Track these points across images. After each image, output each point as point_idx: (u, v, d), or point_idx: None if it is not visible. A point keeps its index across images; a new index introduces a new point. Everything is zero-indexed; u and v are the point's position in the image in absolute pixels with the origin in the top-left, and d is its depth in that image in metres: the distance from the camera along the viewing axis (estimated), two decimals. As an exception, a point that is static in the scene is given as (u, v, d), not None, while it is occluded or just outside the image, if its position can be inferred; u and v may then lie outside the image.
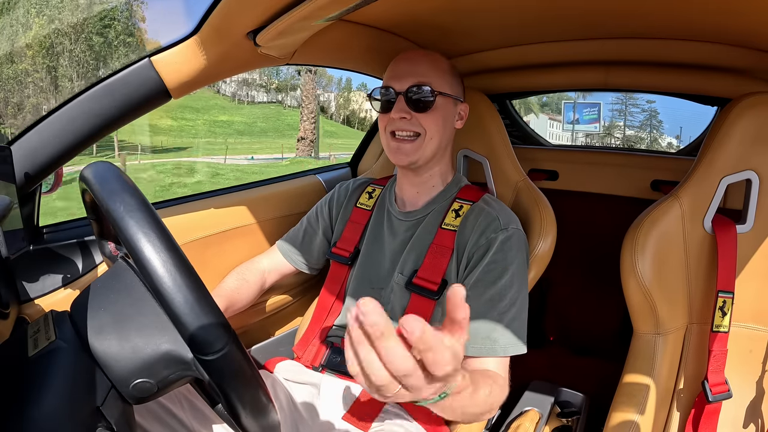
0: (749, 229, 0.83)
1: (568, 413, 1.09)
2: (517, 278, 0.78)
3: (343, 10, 0.60)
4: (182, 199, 1.08)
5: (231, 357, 0.42)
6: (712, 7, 0.74)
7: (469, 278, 0.78)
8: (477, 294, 0.76)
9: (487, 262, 0.77)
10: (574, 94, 2.71)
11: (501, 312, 0.74)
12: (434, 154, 0.85)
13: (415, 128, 0.81)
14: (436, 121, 0.82)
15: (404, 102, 0.81)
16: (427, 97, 0.81)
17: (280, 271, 1.01)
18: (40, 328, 0.48)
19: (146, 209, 0.42)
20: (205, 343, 0.40)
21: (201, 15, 0.68)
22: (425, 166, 0.86)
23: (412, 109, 0.81)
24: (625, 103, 15.24)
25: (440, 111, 0.82)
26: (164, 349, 0.45)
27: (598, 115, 2.43)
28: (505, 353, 0.74)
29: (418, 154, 0.82)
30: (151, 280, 0.40)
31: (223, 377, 0.42)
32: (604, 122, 9.08)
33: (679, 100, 1.25)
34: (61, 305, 0.78)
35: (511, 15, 0.88)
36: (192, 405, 0.73)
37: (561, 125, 2.80)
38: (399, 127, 0.82)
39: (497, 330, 0.74)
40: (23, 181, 0.71)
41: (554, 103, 14.47)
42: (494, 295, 0.75)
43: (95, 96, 0.72)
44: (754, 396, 0.83)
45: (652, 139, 15.29)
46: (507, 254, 0.78)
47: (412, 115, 0.81)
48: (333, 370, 0.87)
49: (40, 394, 0.41)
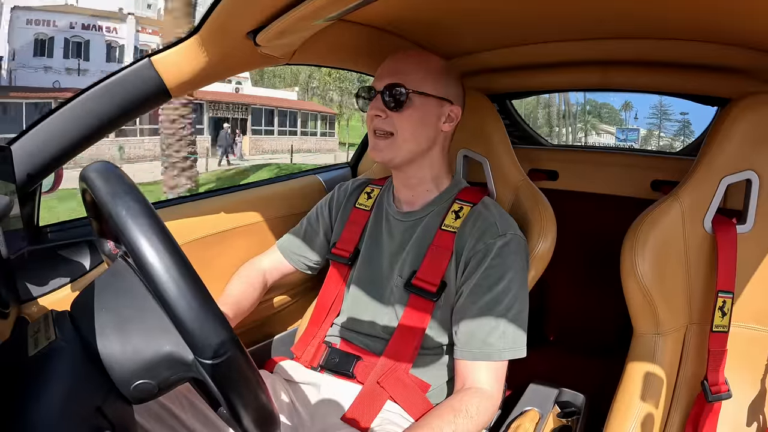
0: (749, 229, 0.83)
1: (568, 413, 1.09)
2: (515, 283, 0.78)
3: (343, 9, 0.60)
4: (182, 199, 1.08)
5: (233, 362, 0.42)
6: (712, 7, 0.74)
7: (467, 284, 0.78)
8: (474, 299, 0.77)
9: (485, 268, 0.78)
10: (625, 117, 3.09)
11: (498, 316, 0.75)
12: (413, 156, 0.83)
13: (389, 127, 0.81)
14: (411, 120, 0.81)
15: (380, 100, 0.81)
16: (400, 96, 0.80)
17: (280, 270, 1.01)
18: (40, 328, 0.48)
19: (147, 211, 0.42)
20: (207, 347, 0.40)
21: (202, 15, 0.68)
22: (407, 167, 0.85)
23: (387, 107, 0.81)
24: (660, 117, 17.63)
25: (417, 111, 0.81)
26: (166, 350, 0.45)
27: (637, 135, 10.25)
28: (500, 357, 0.75)
29: (392, 153, 0.82)
30: (154, 285, 0.40)
31: (225, 381, 0.42)
32: (643, 132, 14.58)
33: (707, 110, 1.24)
34: (61, 305, 0.78)
35: (511, 15, 0.88)
36: (192, 405, 0.74)
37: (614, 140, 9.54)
38: (376, 125, 0.82)
39: (493, 335, 0.75)
40: (23, 181, 0.71)
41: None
42: (491, 300, 0.76)
43: (95, 96, 0.72)
44: (754, 396, 0.83)
45: (682, 145, 16.58)
46: (505, 260, 0.78)
47: (387, 113, 0.81)
48: (332, 371, 0.86)
49: (40, 393, 0.41)
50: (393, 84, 0.80)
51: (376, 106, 0.81)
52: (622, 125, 16.55)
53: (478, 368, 0.75)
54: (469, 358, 0.76)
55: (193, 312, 0.40)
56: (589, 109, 17.29)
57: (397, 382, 0.80)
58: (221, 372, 0.42)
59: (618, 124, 17.36)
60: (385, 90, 0.80)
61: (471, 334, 0.76)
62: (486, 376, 0.75)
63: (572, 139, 16.47)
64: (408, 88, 0.80)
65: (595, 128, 17.43)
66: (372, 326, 0.86)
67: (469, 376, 0.76)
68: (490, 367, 0.75)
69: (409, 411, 0.79)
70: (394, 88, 0.80)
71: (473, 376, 0.75)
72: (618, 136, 14.81)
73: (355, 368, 0.84)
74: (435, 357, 0.83)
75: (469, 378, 0.75)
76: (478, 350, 0.75)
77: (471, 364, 0.76)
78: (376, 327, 0.86)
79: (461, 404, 0.71)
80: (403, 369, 0.81)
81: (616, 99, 17.26)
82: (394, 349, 0.81)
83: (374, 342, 0.86)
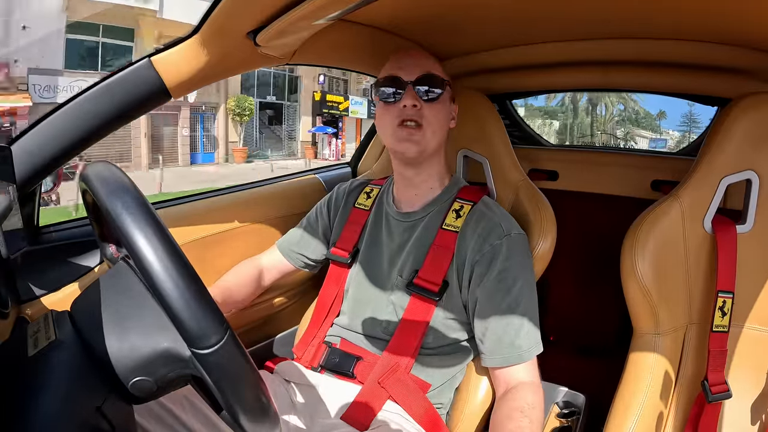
0: (749, 229, 0.83)
1: (568, 413, 1.09)
2: (528, 282, 0.81)
3: (343, 9, 0.60)
4: (182, 199, 1.08)
5: (227, 351, 0.41)
6: (712, 7, 0.74)
7: (482, 287, 0.79)
8: (495, 303, 0.78)
9: (499, 271, 0.78)
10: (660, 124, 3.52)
11: (520, 317, 0.77)
12: (434, 150, 0.85)
13: (420, 119, 0.81)
14: (440, 113, 0.83)
15: (413, 90, 0.81)
16: (437, 86, 0.81)
17: (280, 269, 1.01)
18: (40, 328, 0.48)
19: (143, 205, 0.43)
20: (200, 336, 0.40)
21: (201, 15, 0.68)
22: (424, 164, 0.86)
23: (422, 98, 0.81)
24: (690, 125, 19.55)
25: (443, 104, 0.84)
26: (163, 347, 0.45)
27: (665, 145, 14.80)
28: (530, 357, 0.77)
29: (424, 145, 0.82)
30: (145, 272, 0.40)
31: (219, 373, 0.42)
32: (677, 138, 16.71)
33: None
34: (61, 305, 0.78)
35: (512, 15, 0.88)
36: (193, 405, 0.73)
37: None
38: (408, 114, 0.81)
39: (520, 336, 0.77)
40: (23, 181, 0.71)
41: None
42: (511, 302, 0.78)
43: (95, 96, 0.72)
44: (754, 396, 0.83)
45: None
46: (516, 260, 0.80)
47: (421, 104, 0.81)
48: (332, 371, 0.86)
49: (40, 394, 0.41)
50: (429, 75, 0.81)
51: (411, 96, 0.81)
52: (659, 131, 18.44)
53: (515, 372, 0.77)
54: (503, 363, 0.77)
55: (185, 299, 0.40)
56: (628, 116, 18.33)
57: (397, 382, 0.80)
58: (215, 362, 0.41)
59: (655, 130, 18.49)
60: (421, 80, 0.81)
61: (498, 340, 0.77)
62: (524, 374, 0.77)
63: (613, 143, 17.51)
64: (445, 79, 0.82)
65: (633, 135, 18.16)
66: (372, 326, 0.86)
67: (510, 380, 0.77)
68: (522, 367, 0.77)
69: (409, 411, 0.79)
70: (431, 78, 0.81)
71: (512, 378, 0.77)
72: (650, 145, 17.09)
73: (356, 368, 0.84)
74: (436, 357, 0.83)
75: (511, 382, 0.77)
76: (509, 355, 0.77)
77: (507, 370, 0.77)
78: (376, 327, 0.86)
79: (520, 402, 0.72)
80: (403, 369, 0.81)
81: (653, 106, 18.35)
82: (395, 348, 0.82)
83: (374, 342, 0.86)
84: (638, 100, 18.00)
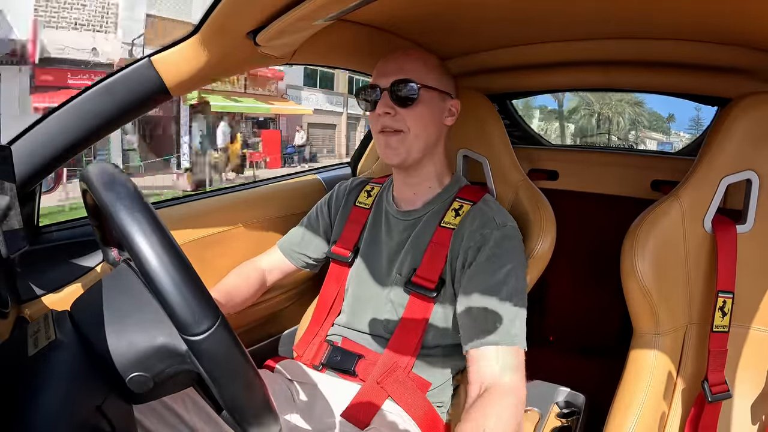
0: (749, 229, 0.83)
1: (568, 413, 1.09)
2: (516, 271, 0.77)
3: (343, 9, 0.60)
4: (182, 199, 1.08)
5: (219, 337, 0.41)
6: (712, 7, 0.74)
7: (469, 271, 0.78)
8: (477, 283, 0.76)
9: (487, 256, 0.77)
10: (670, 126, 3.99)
11: (504, 301, 0.73)
12: (423, 153, 0.84)
13: (399, 125, 0.81)
14: (422, 116, 0.81)
15: (388, 98, 0.80)
16: (412, 92, 0.80)
17: (281, 269, 1.01)
18: (40, 328, 0.48)
19: (137, 196, 0.43)
20: (191, 322, 0.40)
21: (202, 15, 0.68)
22: (416, 166, 0.85)
23: (396, 105, 0.80)
24: (697, 129, 19.37)
25: (425, 106, 0.81)
26: (159, 342, 0.45)
27: (671, 148, 10.33)
28: (510, 343, 0.70)
29: (406, 152, 0.81)
30: (137, 259, 0.41)
31: (213, 361, 0.42)
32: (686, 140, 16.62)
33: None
34: (61, 305, 0.78)
35: (510, 15, 0.88)
36: (196, 404, 0.74)
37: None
38: (384, 123, 0.81)
39: (502, 321, 0.71)
40: (23, 181, 0.71)
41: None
42: (495, 284, 0.75)
43: (95, 96, 0.72)
44: (755, 396, 0.83)
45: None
46: (507, 248, 0.78)
47: (396, 110, 0.80)
48: (333, 369, 0.87)
49: (40, 393, 0.41)
50: (401, 80, 0.80)
51: (385, 103, 0.81)
52: (669, 133, 18.59)
53: (491, 364, 0.68)
54: (478, 345, 0.70)
55: (176, 285, 0.41)
56: (640, 119, 18.52)
57: (396, 382, 0.80)
58: (208, 350, 0.41)
59: (665, 132, 18.69)
60: (393, 86, 0.80)
61: (474, 319, 0.73)
62: (501, 371, 0.68)
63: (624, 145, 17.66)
64: (418, 83, 0.80)
65: (643, 137, 18.28)
66: (373, 324, 0.86)
67: (485, 377, 0.68)
68: (500, 357, 0.69)
69: (408, 411, 0.79)
70: (404, 84, 0.80)
71: (487, 374, 0.68)
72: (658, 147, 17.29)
73: (357, 366, 0.84)
74: (436, 355, 0.84)
75: (485, 379, 0.68)
76: (485, 336, 0.70)
77: (482, 360, 0.69)
78: (377, 325, 0.86)
79: (486, 420, 0.61)
80: (404, 367, 0.81)
81: (663, 109, 18.48)
82: (396, 346, 0.82)
83: (376, 340, 0.86)
84: (650, 106, 18.14)
